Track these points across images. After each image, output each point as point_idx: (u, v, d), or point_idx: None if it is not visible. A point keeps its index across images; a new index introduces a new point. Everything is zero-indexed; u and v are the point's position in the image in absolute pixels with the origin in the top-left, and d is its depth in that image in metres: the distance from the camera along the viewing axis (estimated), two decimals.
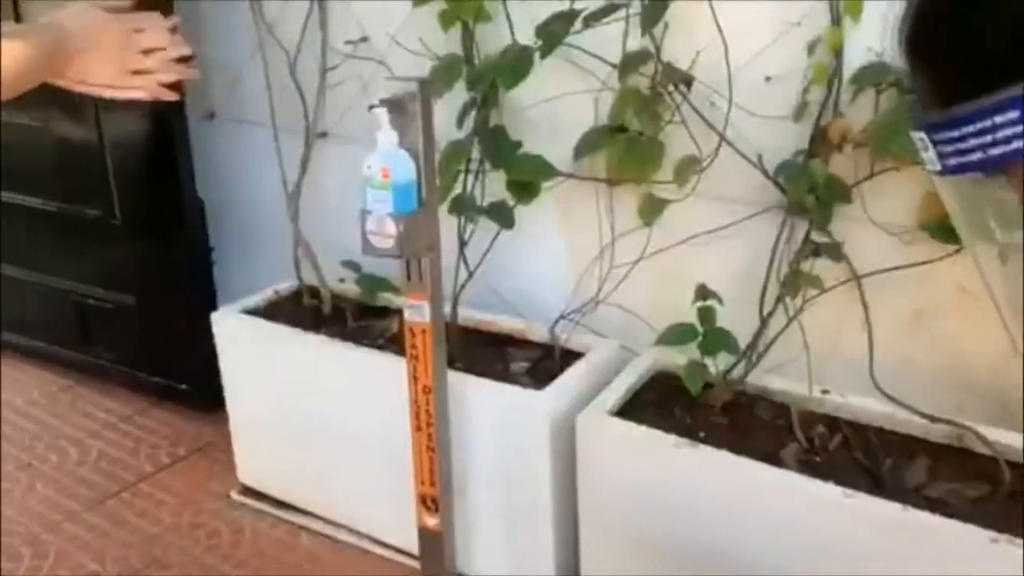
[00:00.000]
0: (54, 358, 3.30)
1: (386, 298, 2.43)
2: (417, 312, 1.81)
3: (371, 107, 1.60)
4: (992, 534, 1.57)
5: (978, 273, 0.60)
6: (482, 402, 2.05)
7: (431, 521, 1.97)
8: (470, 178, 2.18)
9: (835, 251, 1.89)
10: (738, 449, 1.83)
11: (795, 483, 1.76)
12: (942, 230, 1.76)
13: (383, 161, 1.61)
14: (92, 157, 2.82)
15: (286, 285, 2.60)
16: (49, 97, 2.89)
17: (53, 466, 2.77)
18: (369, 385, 2.20)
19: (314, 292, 2.54)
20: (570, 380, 2.07)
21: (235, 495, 2.60)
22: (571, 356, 2.16)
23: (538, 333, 2.27)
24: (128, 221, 2.87)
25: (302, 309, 2.51)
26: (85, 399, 3.16)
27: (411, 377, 1.86)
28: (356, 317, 2.46)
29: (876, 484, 1.77)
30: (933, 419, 1.85)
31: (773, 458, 1.83)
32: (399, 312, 1.88)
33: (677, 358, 2.07)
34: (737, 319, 1.97)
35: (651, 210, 2.03)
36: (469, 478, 2.10)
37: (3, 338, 3.41)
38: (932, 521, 1.62)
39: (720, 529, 1.81)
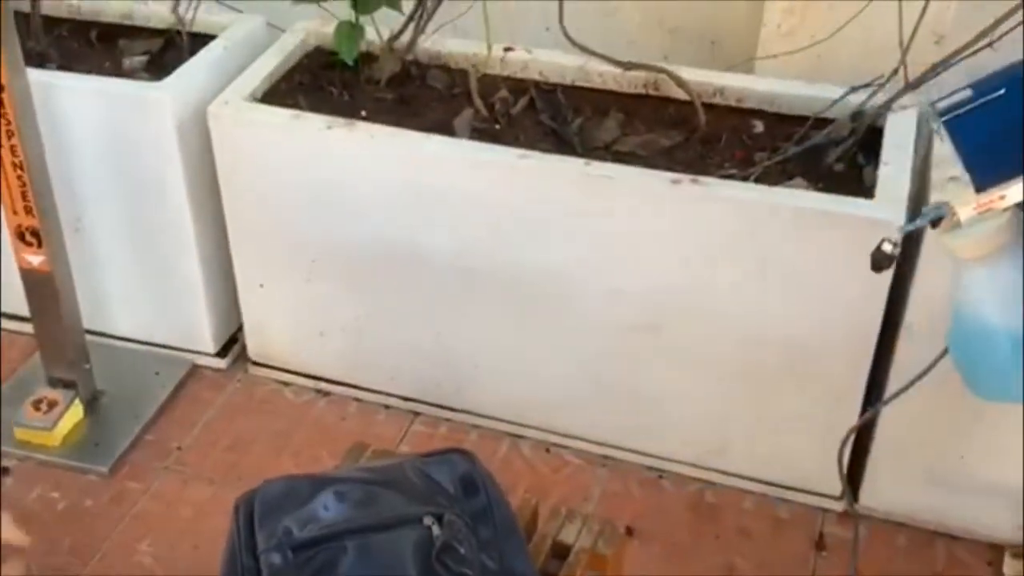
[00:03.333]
0: None
1: None
2: None
3: None
4: (672, 176, 1.37)
5: None
6: (85, 106, 1.59)
7: (35, 259, 1.55)
8: None
9: None
10: (404, 124, 1.51)
11: (465, 152, 1.47)
12: None
13: None
14: None
15: None
16: None
17: None
18: None
19: None
20: (199, 66, 1.63)
21: None
22: (203, 40, 1.70)
23: (158, 16, 1.77)
24: None
25: None
26: None
27: None
28: None
29: (563, 145, 1.51)
30: (626, 66, 1.58)
31: (445, 129, 1.52)
32: None
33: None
34: None
35: None
36: (85, 206, 1.67)
37: None
38: (611, 171, 1.39)
39: (387, 217, 1.51)
